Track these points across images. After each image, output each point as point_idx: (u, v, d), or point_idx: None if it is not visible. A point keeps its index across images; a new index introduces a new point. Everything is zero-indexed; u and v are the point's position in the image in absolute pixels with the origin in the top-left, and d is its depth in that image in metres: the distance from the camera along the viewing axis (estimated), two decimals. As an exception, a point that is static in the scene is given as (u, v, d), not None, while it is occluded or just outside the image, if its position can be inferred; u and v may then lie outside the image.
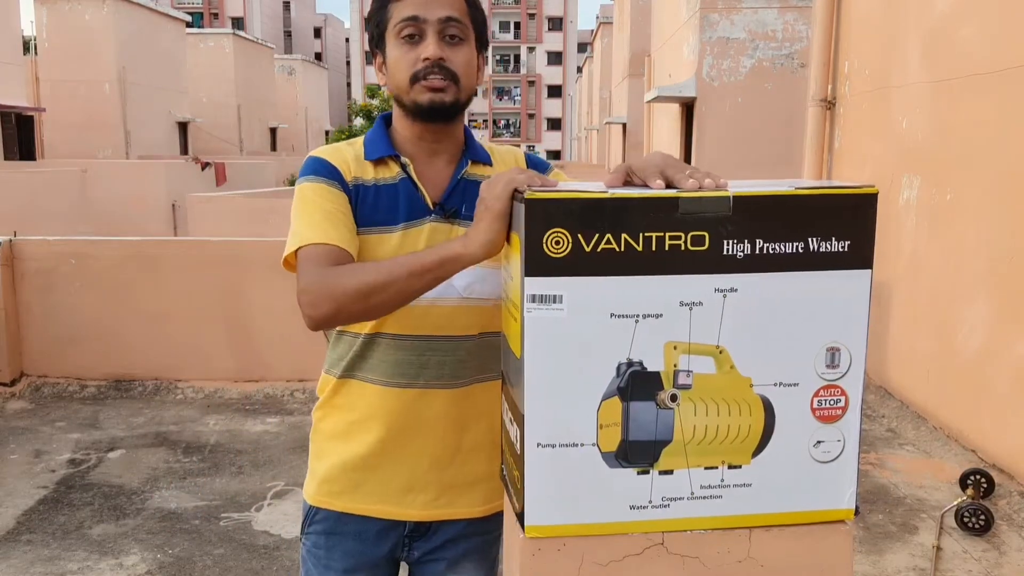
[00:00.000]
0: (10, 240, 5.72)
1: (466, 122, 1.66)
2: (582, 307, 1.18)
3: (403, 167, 1.52)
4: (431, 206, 1.51)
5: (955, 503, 3.73)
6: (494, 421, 1.53)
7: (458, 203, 1.52)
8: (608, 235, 1.16)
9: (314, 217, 1.44)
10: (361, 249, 1.46)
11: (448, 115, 1.50)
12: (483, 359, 1.55)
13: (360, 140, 1.56)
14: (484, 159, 1.59)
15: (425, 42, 1.45)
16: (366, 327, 1.52)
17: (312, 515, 1.62)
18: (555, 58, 67.84)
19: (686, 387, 1.22)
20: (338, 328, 1.56)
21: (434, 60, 1.44)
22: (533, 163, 1.63)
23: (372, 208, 1.48)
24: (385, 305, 1.35)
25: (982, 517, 3.57)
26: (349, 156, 1.52)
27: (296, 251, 1.42)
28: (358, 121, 31.77)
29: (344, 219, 1.45)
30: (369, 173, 1.51)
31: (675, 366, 1.21)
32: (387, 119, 1.59)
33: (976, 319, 4.45)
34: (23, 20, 22.76)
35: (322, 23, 72.42)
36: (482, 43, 1.54)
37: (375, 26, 1.54)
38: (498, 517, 1.59)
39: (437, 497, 1.57)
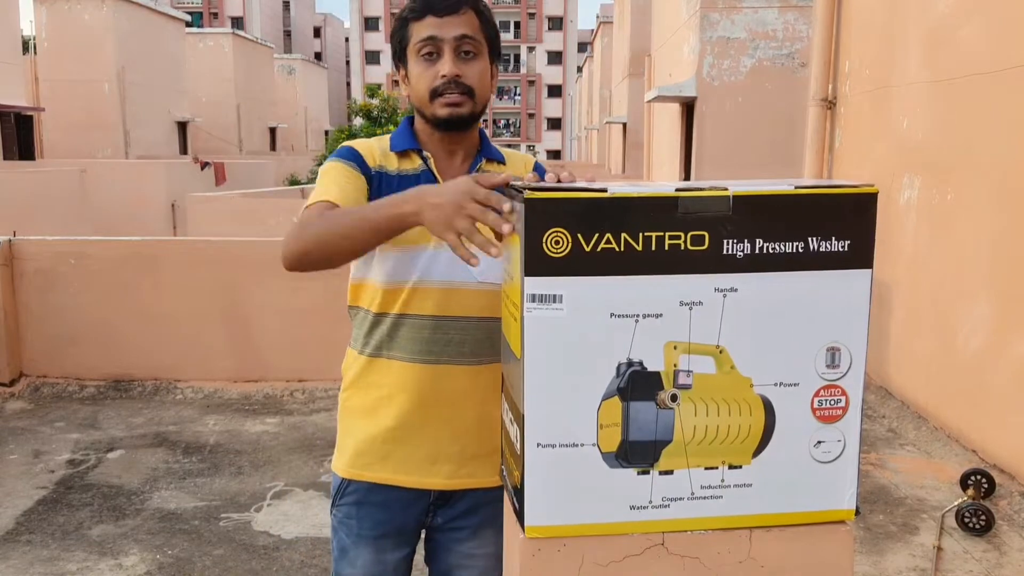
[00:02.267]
0: (10, 240, 5.72)
1: (481, 125, 1.78)
2: (582, 307, 1.18)
3: (424, 160, 1.69)
4: None
5: (956, 503, 3.72)
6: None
7: None
8: (608, 235, 1.16)
9: (327, 186, 1.61)
10: None
11: (465, 125, 1.67)
12: (498, 341, 1.64)
13: (387, 137, 1.73)
14: (498, 158, 1.75)
15: (443, 59, 1.61)
16: (393, 308, 1.66)
17: (344, 488, 1.74)
18: (555, 58, 67.82)
19: (686, 387, 1.22)
20: (363, 307, 1.71)
21: (451, 77, 1.60)
22: (540, 171, 1.74)
23: (393, 193, 1.62)
24: (347, 252, 1.51)
25: (983, 517, 3.56)
26: (376, 148, 1.70)
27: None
28: (358, 121, 31.74)
29: (351, 190, 1.61)
30: (393, 164, 1.68)
31: (675, 366, 1.21)
32: (411, 119, 1.75)
33: (977, 319, 4.45)
34: (23, 20, 22.76)
35: (322, 23, 72.40)
36: (495, 54, 1.71)
37: (397, 43, 1.69)
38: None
39: (459, 467, 1.69)
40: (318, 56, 64.58)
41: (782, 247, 1.20)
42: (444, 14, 1.61)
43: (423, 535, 1.81)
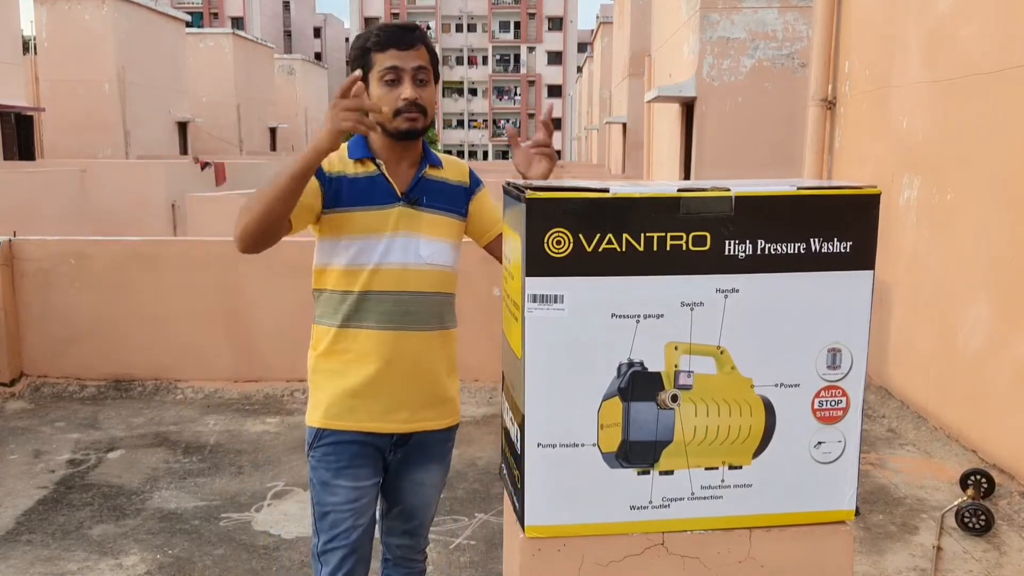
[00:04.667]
0: (10, 240, 5.72)
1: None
2: (583, 307, 1.18)
3: (377, 166, 2.04)
4: (399, 195, 2.04)
5: (955, 503, 3.72)
6: (453, 356, 2.16)
7: (420, 194, 2.07)
8: (609, 235, 1.16)
9: None
10: (347, 222, 2.01)
11: (418, 137, 2.06)
12: (444, 312, 2.11)
13: (345, 145, 2.07)
14: (437, 163, 2.13)
15: (403, 85, 1.99)
16: (357, 286, 2.01)
17: (320, 436, 2.08)
18: (555, 58, 67.80)
19: (687, 387, 1.22)
20: (329, 288, 2.05)
21: (411, 100, 1.99)
22: (474, 178, 2.20)
23: (352, 193, 2.01)
24: (283, 208, 1.85)
25: (982, 517, 3.57)
26: (335, 156, 2.04)
27: None
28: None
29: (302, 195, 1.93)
30: (350, 168, 2.04)
31: (676, 366, 1.21)
32: None
33: (976, 319, 4.45)
34: (23, 20, 22.77)
35: (322, 23, 72.38)
36: (437, 78, 2.11)
37: (359, 67, 2.02)
38: (455, 427, 2.21)
39: (413, 414, 2.08)
40: (318, 56, 64.59)
41: (784, 248, 1.20)
42: (404, 48, 2.00)
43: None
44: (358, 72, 1.81)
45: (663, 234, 1.17)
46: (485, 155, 66.66)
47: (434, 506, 2.27)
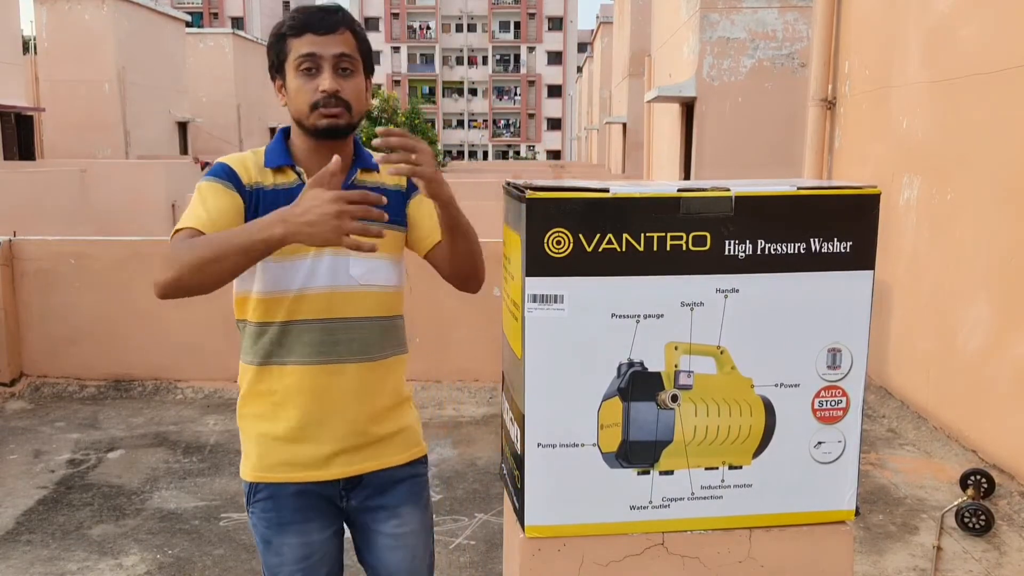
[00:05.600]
0: (10, 240, 5.72)
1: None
2: (583, 307, 1.18)
3: (299, 174, 1.74)
4: None
5: (955, 503, 3.72)
6: (400, 386, 1.85)
7: None
8: (609, 235, 1.16)
9: (196, 209, 1.67)
10: None
11: (342, 135, 1.74)
12: (386, 339, 1.81)
13: (262, 150, 1.79)
14: (372, 167, 1.82)
15: (322, 75, 1.69)
16: (278, 316, 1.73)
17: (255, 489, 1.80)
18: (555, 58, 67.82)
19: (687, 387, 1.22)
20: (249, 320, 1.77)
21: (331, 92, 1.68)
22: (410, 181, 1.85)
23: (270, 209, 1.62)
24: (218, 276, 1.55)
25: (982, 517, 3.57)
26: (251, 164, 1.75)
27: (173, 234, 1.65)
28: (358, 121, 31.69)
29: (220, 212, 1.66)
30: (269, 179, 1.74)
31: (676, 366, 1.21)
32: (286, 132, 1.81)
33: (976, 319, 4.45)
34: (23, 20, 22.78)
35: (322, 23, 72.31)
36: (369, 70, 1.79)
37: (275, 56, 1.75)
38: (421, 461, 1.89)
39: (357, 454, 1.78)
40: (318, 56, 64.42)
41: (784, 248, 1.20)
42: (323, 33, 1.69)
43: (348, 525, 1.88)
44: (381, 198, 1.48)
45: (663, 234, 1.17)
46: (485, 155, 66.67)
47: (428, 557, 1.91)
